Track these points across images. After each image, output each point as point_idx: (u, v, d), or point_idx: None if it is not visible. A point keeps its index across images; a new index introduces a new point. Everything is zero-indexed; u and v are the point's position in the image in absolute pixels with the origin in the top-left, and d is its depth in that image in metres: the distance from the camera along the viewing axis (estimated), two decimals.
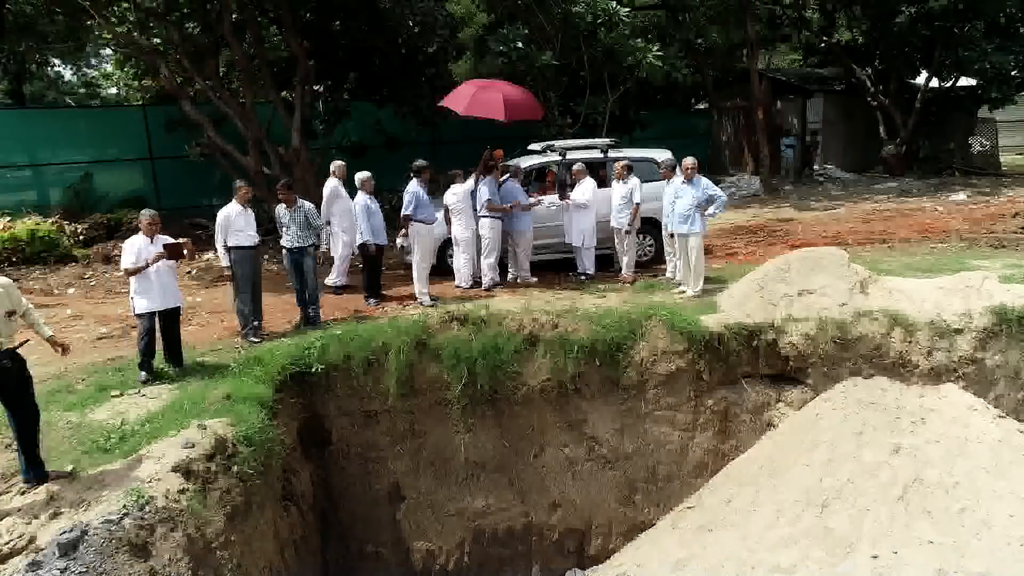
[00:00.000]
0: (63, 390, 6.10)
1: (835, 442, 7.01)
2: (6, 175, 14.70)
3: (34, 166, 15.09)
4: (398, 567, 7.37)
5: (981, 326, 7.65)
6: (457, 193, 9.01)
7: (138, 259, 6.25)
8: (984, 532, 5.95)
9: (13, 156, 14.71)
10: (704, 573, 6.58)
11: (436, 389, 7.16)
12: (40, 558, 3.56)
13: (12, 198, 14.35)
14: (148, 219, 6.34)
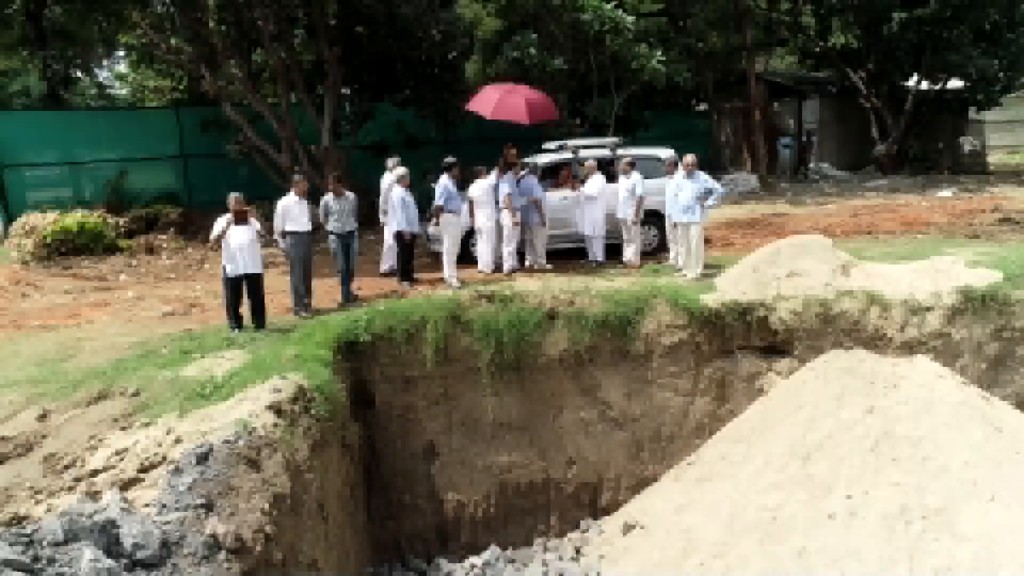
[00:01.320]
0: (151, 354, 7.10)
1: (817, 404, 7.98)
2: (50, 172, 15.68)
3: (73, 164, 16.01)
4: (432, 516, 8.34)
5: (949, 304, 8.64)
6: (481, 187, 10.00)
7: (218, 232, 7.38)
8: (942, 475, 6.92)
9: (54, 155, 15.68)
10: (701, 515, 7.58)
11: (467, 358, 8.14)
12: (180, 466, 4.54)
13: (50, 194, 15.28)
14: (234, 198, 7.45)
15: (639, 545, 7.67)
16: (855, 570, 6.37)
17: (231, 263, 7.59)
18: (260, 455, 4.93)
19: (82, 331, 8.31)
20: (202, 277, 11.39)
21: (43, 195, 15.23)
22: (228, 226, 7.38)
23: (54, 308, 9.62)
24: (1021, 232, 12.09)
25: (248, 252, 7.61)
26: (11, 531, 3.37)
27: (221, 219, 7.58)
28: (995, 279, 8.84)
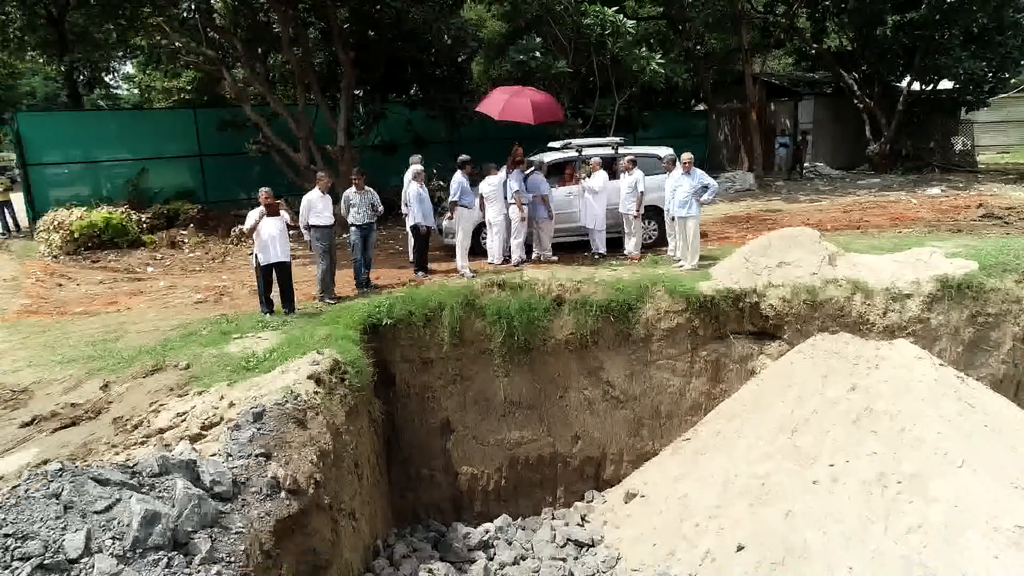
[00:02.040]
0: (193, 335, 7.74)
1: (805, 383, 8.64)
2: (72, 171, 16.29)
3: (93, 163, 16.61)
4: (447, 488, 8.98)
5: (927, 292, 9.30)
6: (491, 183, 10.63)
7: (252, 223, 7.99)
8: (917, 445, 7.56)
9: (76, 154, 16.29)
10: (697, 483, 8.24)
11: (481, 340, 8.79)
12: (239, 423, 5.18)
13: (72, 192, 15.86)
14: (264, 193, 8.07)
15: (639, 511, 8.33)
16: (836, 530, 7.02)
17: (263, 252, 8.22)
18: (306, 416, 5.57)
19: (123, 316, 8.95)
20: (226, 269, 12.04)
21: (65, 193, 15.84)
22: (261, 217, 8.01)
23: (92, 296, 10.27)
24: (1002, 227, 12.74)
25: (279, 242, 8.25)
26: (118, 463, 4.02)
27: (254, 211, 8.21)
28: (971, 269, 9.49)
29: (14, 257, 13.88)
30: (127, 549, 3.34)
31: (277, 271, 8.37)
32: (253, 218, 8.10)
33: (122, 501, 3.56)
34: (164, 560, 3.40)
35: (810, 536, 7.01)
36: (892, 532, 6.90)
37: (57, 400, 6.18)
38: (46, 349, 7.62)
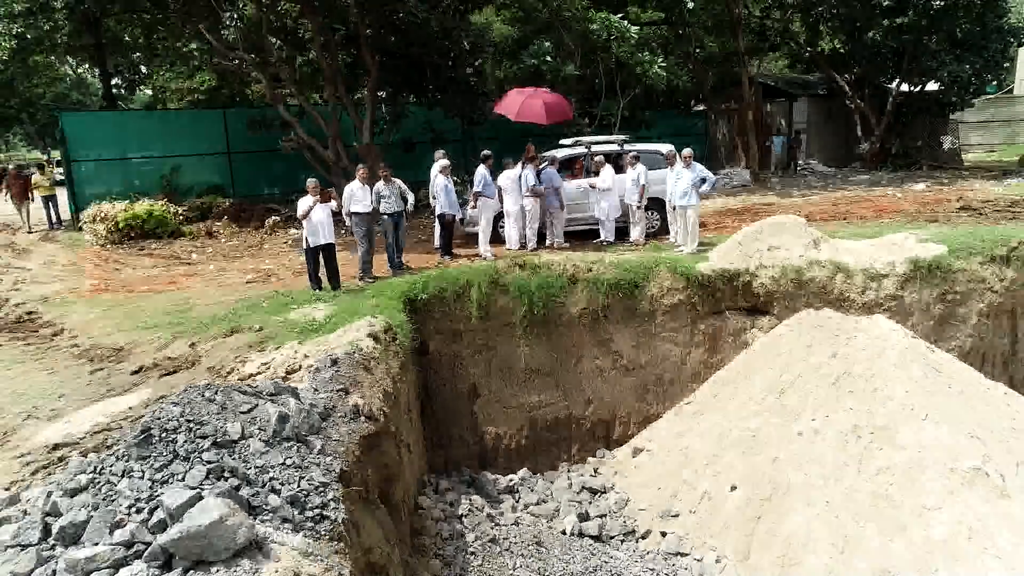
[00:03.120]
0: (255, 306, 8.86)
1: (791, 352, 9.75)
2: (110, 166, 17.38)
3: (129, 159, 17.69)
4: (474, 446, 10.09)
5: (901, 272, 10.42)
6: (508, 176, 11.74)
7: (304, 209, 9.08)
8: (887, 402, 8.67)
9: (114, 151, 17.38)
10: (696, 438, 9.36)
11: (504, 314, 9.90)
12: (319, 367, 6.29)
13: (109, 187, 16.93)
14: (311, 183, 9.18)
15: (645, 463, 9.45)
16: (816, 471, 8.15)
17: (313, 236, 9.31)
18: (370, 364, 6.69)
19: (186, 293, 10.07)
20: (266, 255, 13.15)
21: (104, 187, 16.93)
22: (315, 204, 9.10)
23: (151, 278, 11.39)
24: (976, 218, 13.86)
25: (327, 226, 9.35)
26: (242, 384, 5.13)
27: (305, 199, 9.30)
28: (941, 252, 10.62)
29: (65, 246, 15.01)
30: (269, 438, 4.45)
31: (324, 252, 9.47)
32: (307, 204, 9.19)
33: (259, 406, 4.68)
34: (294, 448, 4.51)
35: (793, 477, 8.14)
36: (864, 473, 8.03)
37: (153, 356, 7.30)
38: (128, 319, 8.74)
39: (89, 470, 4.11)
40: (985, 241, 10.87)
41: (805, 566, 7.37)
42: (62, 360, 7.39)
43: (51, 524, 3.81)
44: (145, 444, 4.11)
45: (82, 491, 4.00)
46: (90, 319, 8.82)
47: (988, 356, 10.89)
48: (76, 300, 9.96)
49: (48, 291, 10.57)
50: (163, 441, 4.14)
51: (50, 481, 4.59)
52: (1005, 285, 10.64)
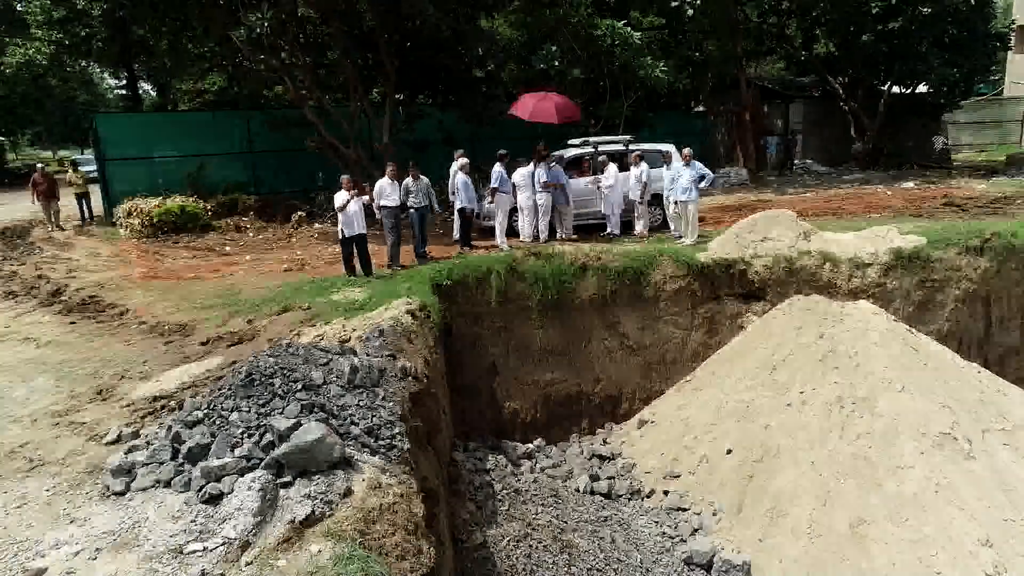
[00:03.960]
0: (299, 290, 9.81)
1: (783, 333, 10.69)
2: (139, 165, 18.28)
3: (158, 158, 18.60)
4: (493, 419, 11.03)
5: (884, 261, 11.38)
6: (521, 174, 12.70)
7: (342, 202, 10.01)
8: (868, 375, 9.61)
9: (143, 150, 18.31)
10: (695, 411, 10.30)
11: (521, 299, 10.85)
12: (368, 336, 7.24)
13: (137, 184, 17.78)
14: (346, 179, 10.12)
15: (650, 433, 10.41)
16: (803, 436, 9.10)
17: (348, 227, 10.25)
18: (410, 335, 7.65)
19: (230, 280, 11.03)
20: (296, 247, 14.11)
21: (134, 184, 17.78)
22: (352, 198, 10.05)
23: (193, 266, 12.35)
24: (959, 213, 14.82)
25: (360, 218, 10.29)
26: (311, 344, 6.09)
27: (341, 193, 10.23)
28: (920, 243, 11.58)
29: (102, 239, 15.95)
30: (344, 384, 5.41)
31: (357, 242, 10.42)
32: (344, 198, 10.11)
33: (333, 360, 5.63)
34: (364, 393, 5.46)
35: (782, 441, 9.10)
36: (846, 438, 8.98)
37: (216, 331, 8.26)
38: (183, 301, 9.70)
39: (203, 408, 5.07)
40: (961, 233, 11.83)
41: (791, 517, 8.33)
42: (135, 334, 8.34)
43: (179, 447, 4.77)
44: (249, 386, 5.08)
45: (199, 423, 4.96)
46: (149, 301, 9.77)
47: (964, 338, 11.84)
48: (130, 285, 10.91)
49: (101, 278, 11.52)
50: (263, 384, 5.10)
51: (162, 421, 5.56)
52: (979, 273, 11.60)
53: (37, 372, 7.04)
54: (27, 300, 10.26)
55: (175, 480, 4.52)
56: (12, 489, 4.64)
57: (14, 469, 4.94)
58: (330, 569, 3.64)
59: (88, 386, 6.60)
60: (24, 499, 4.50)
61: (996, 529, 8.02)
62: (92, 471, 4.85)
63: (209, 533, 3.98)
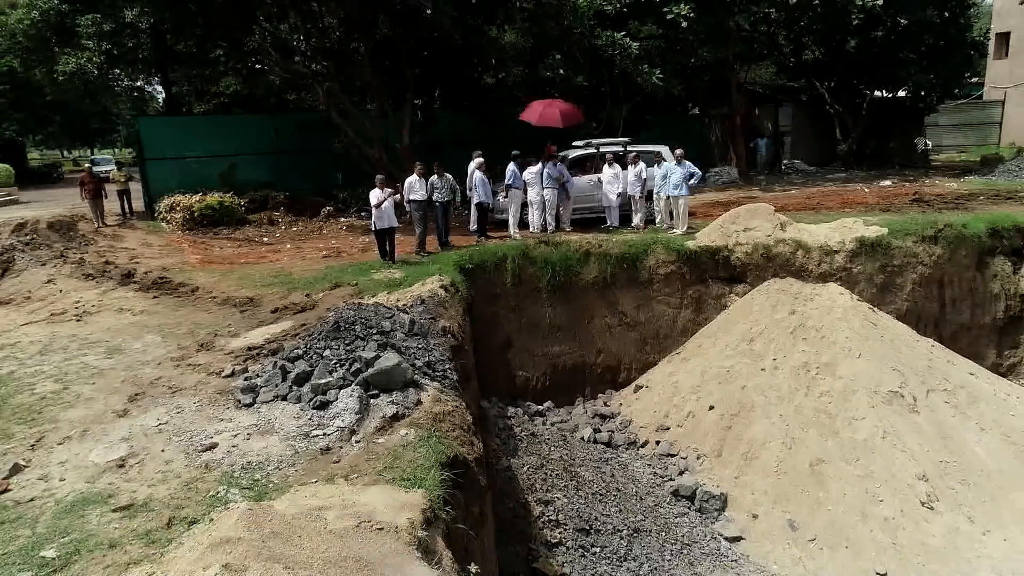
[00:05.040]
0: (342, 271, 11.40)
1: (760, 311, 12.29)
2: (174, 164, 19.83)
3: (195, 158, 20.18)
4: (507, 385, 12.62)
5: (850, 249, 12.98)
6: (531, 172, 14.28)
7: (378, 200, 11.57)
8: (832, 345, 11.20)
9: (178, 150, 19.88)
10: (684, 375, 11.90)
11: (532, 281, 12.45)
12: (412, 304, 8.83)
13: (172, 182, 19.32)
14: (380, 179, 11.69)
15: (645, 396, 12.01)
16: (774, 395, 10.70)
17: (379, 221, 11.74)
18: (445, 304, 9.26)
19: (278, 265, 12.62)
20: (329, 237, 15.69)
21: (171, 182, 19.32)
22: (388, 196, 11.59)
23: (241, 254, 13.95)
24: (923, 208, 16.40)
25: (391, 213, 11.84)
26: (377, 303, 7.70)
27: (375, 191, 11.75)
28: (882, 232, 13.18)
29: (147, 232, 17.55)
30: (406, 332, 7.01)
31: (388, 233, 11.94)
32: (379, 196, 11.64)
33: (395, 315, 7.24)
34: (420, 340, 7.07)
35: (756, 399, 10.71)
36: (810, 396, 10.60)
37: (280, 302, 9.86)
38: (243, 280, 11.30)
39: (301, 348, 6.68)
40: (919, 224, 13.45)
41: (761, 459, 9.94)
42: (212, 306, 9.94)
43: (287, 375, 6.37)
44: (336, 331, 6.70)
45: (299, 359, 6.57)
46: (214, 280, 11.37)
47: (922, 316, 13.44)
48: (191, 269, 12.52)
49: (163, 263, 13.12)
50: (347, 329, 6.72)
51: (261, 363, 7.17)
52: (934, 259, 13.22)
53: (144, 332, 8.65)
54: (105, 281, 11.85)
55: (289, 395, 6.13)
56: (168, 403, 6.26)
57: (161, 392, 6.55)
58: (416, 444, 5.25)
59: (190, 341, 8.21)
60: (180, 408, 6.11)
61: (932, 468, 9.64)
62: (221, 393, 6.45)
63: (324, 426, 5.59)
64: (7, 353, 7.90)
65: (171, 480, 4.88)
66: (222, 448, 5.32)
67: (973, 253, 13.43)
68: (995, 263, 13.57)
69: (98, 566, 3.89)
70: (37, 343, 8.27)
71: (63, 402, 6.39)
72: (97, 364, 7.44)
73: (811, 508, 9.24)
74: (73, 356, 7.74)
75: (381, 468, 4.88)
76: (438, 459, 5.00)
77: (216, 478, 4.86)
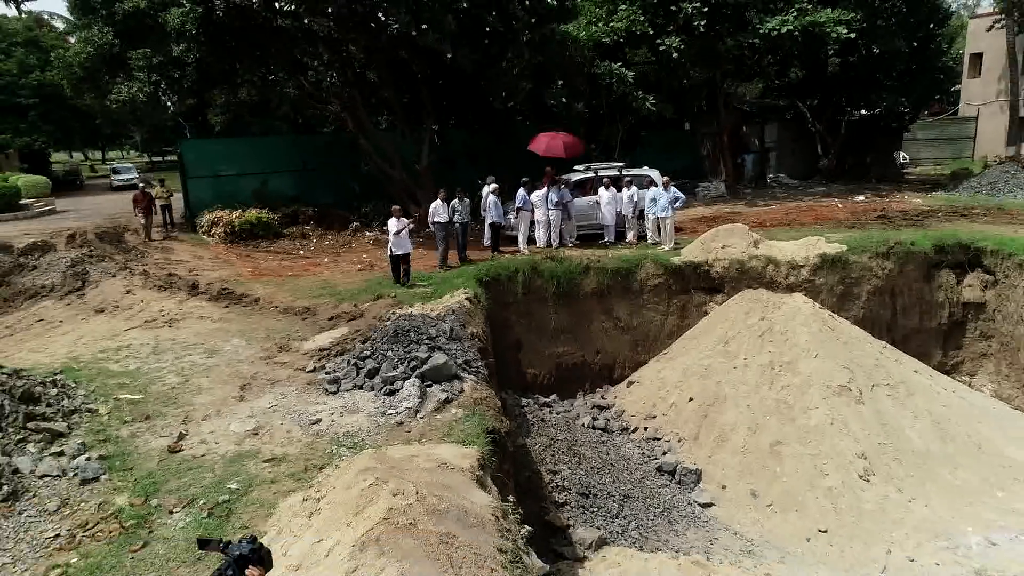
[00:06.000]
0: (381, 284, 13.46)
1: (735, 317, 14.35)
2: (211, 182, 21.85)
3: (230, 175, 22.23)
4: (519, 381, 14.68)
5: (813, 263, 15.05)
6: (538, 194, 16.35)
7: (396, 228, 13.54)
8: (794, 346, 13.23)
9: (218, 168, 21.94)
10: (669, 372, 13.96)
11: (540, 290, 14.51)
12: (443, 314, 10.88)
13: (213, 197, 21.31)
14: (396, 209, 13.66)
15: (636, 390, 14.09)
16: (743, 388, 12.76)
17: (396, 247, 13.36)
18: (471, 314, 11.34)
19: (322, 277, 14.68)
20: (357, 251, 17.76)
21: (209, 198, 21.34)
22: (403, 227, 13.50)
23: (285, 267, 16.01)
24: (886, 224, 18.46)
25: (406, 239, 13.69)
26: (422, 314, 9.76)
27: (392, 220, 13.56)
28: (842, 249, 15.25)
29: (193, 244, 19.61)
30: (447, 338, 9.08)
31: (402, 259, 13.81)
32: (397, 225, 13.50)
33: (437, 324, 9.32)
34: (457, 342, 9.14)
35: (729, 391, 12.77)
36: (773, 389, 12.66)
37: (334, 311, 11.93)
38: (296, 291, 13.36)
39: (368, 349, 8.77)
40: (874, 242, 15.52)
41: (730, 441, 12.00)
42: (276, 314, 12.00)
43: (360, 370, 8.45)
44: (395, 337, 8.78)
45: (368, 357, 8.65)
46: (270, 291, 13.44)
47: (876, 322, 15.49)
48: (246, 280, 14.58)
49: (220, 275, 15.17)
50: (403, 335, 8.80)
51: (334, 361, 9.23)
52: (886, 273, 15.29)
53: (229, 336, 10.72)
54: (176, 292, 13.90)
55: (364, 386, 8.21)
56: (272, 391, 8.33)
57: (263, 383, 8.63)
58: (464, 419, 7.33)
59: (270, 344, 10.28)
60: (284, 395, 8.18)
61: (871, 448, 11.70)
62: (311, 384, 8.52)
63: (395, 407, 7.67)
64: (128, 353, 9.97)
65: (295, 443, 6.96)
66: (324, 422, 7.40)
67: (921, 267, 15.50)
68: (940, 275, 15.64)
69: (267, 492, 5.97)
70: (147, 345, 10.34)
71: (191, 390, 8.46)
72: (203, 362, 9.50)
73: (769, 480, 11.31)
74: (181, 356, 9.81)
75: (442, 435, 6.96)
76: (481, 428, 7.08)
77: (327, 441, 6.95)
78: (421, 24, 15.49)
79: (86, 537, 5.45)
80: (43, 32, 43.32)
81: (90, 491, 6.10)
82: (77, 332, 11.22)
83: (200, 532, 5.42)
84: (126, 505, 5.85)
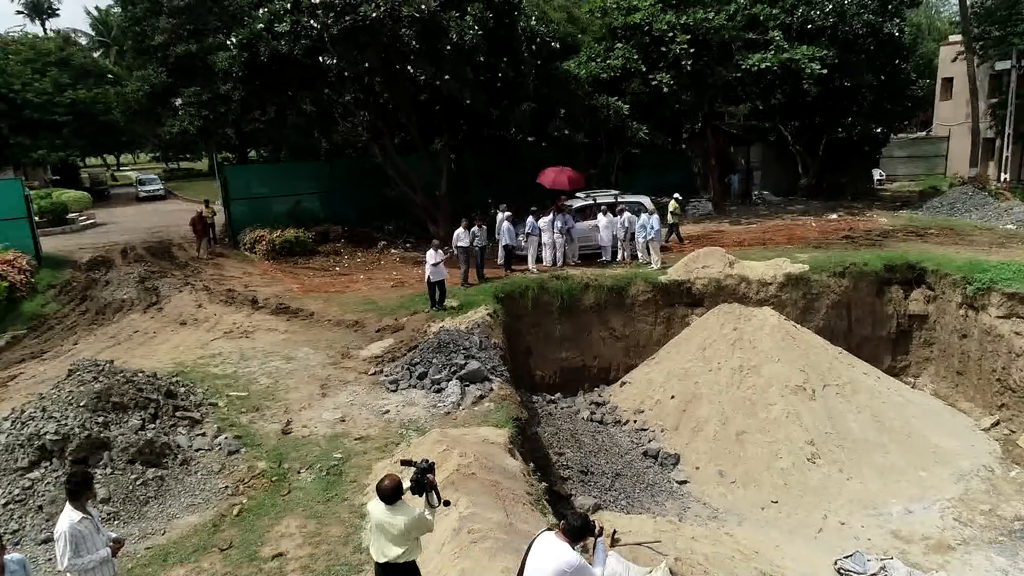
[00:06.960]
0: (415, 300, 16.06)
1: (712, 327, 16.92)
2: (248, 204, 24.47)
3: (266, 197, 24.87)
4: (528, 382, 17.27)
5: (780, 281, 17.65)
6: (545, 221, 18.95)
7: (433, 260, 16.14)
8: (760, 353, 15.80)
9: (256, 191, 24.58)
10: (655, 374, 16.55)
11: (546, 305, 17.12)
12: (470, 328, 13.46)
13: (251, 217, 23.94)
14: (436, 243, 16.26)
15: (627, 389, 16.69)
16: (716, 387, 15.36)
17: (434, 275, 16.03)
18: (492, 327, 13.95)
19: (362, 294, 17.28)
20: (387, 268, 20.35)
21: (244, 217, 23.99)
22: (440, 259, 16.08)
23: (328, 283, 18.61)
24: (848, 244, 21.02)
25: (443, 269, 16.30)
26: (455, 328, 12.35)
27: (431, 251, 16.17)
28: (805, 268, 17.85)
29: (238, 261, 22.20)
30: (477, 348, 11.68)
31: (439, 286, 16.40)
32: (438, 256, 16.03)
33: (470, 337, 11.92)
34: (486, 352, 11.74)
35: (705, 391, 15.37)
36: (741, 388, 15.26)
37: (379, 324, 14.54)
38: (343, 306, 15.95)
39: (418, 357, 11.39)
40: (833, 263, 18.13)
41: (705, 431, 14.61)
42: (331, 327, 14.59)
43: (412, 372, 11.06)
44: (439, 347, 11.40)
45: (418, 364, 11.27)
46: (320, 306, 16.04)
47: (835, 331, 18.08)
48: (297, 296, 17.19)
49: (273, 291, 17.77)
50: (444, 346, 11.42)
51: (389, 366, 11.84)
52: (842, 289, 17.89)
53: (298, 346, 13.32)
54: (240, 306, 16.50)
55: (417, 386, 10.83)
56: (346, 390, 10.94)
57: (337, 384, 11.23)
58: (495, 410, 9.95)
59: (334, 351, 12.89)
60: (356, 392, 10.80)
61: (819, 437, 14.30)
62: (375, 384, 11.13)
63: (443, 401, 10.28)
64: (222, 359, 12.57)
65: (374, 427, 9.58)
66: (392, 412, 10.02)
67: (873, 284, 18.10)
68: (890, 291, 18.23)
69: (363, 459, 8.59)
70: (235, 353, 12.94)
71: (283, 389, 11.07)
72: (285, 367, 12.12)
73: (734, 462, 13.91)
74: (265, 361, 12.41)
75: (480, 421, 9.58)
76: (508, 416, 9.70)
77: (397, 426, 9.57)
78: (444, 75, 18.07)
79: (247, 488, 8.07)
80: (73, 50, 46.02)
81: (236, 459, 8.72)
82: (172, 342, 13.82)
83: (322, 486, 8.03)
84: (267, 468, 8.47)
